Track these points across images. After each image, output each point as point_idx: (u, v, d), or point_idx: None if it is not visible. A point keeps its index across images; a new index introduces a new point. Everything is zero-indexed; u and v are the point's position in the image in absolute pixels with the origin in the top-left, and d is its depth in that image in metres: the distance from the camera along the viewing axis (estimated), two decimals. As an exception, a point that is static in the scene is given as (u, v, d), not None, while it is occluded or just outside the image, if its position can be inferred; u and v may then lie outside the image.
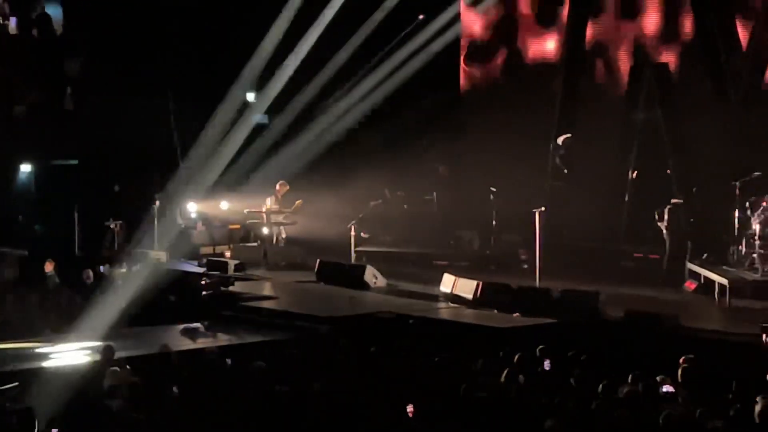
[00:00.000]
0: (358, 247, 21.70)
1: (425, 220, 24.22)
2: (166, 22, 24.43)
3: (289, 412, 10.41)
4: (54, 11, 25.80)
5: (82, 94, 25.28)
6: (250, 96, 25.65)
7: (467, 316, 17.18)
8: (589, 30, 23.97)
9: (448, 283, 18.35)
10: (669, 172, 22.11)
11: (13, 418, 9.92)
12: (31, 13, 25.82)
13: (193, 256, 22.48)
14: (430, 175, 24.66)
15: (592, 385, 11.15)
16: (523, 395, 10.91)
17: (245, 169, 23.79)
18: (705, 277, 18.59)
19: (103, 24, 24.38)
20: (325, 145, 24.02)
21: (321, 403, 10.62)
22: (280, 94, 24.63)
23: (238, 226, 24.02)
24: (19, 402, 10.84)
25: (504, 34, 25.45)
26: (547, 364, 12.42)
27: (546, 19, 24.78)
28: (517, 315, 16.80)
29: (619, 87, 23.75)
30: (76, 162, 25.04)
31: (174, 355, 13.33)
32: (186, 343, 15.38)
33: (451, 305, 17.93)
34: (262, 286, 20.25)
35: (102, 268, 19.59)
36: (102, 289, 17.42)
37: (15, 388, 11.92)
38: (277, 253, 22.35)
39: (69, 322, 15.96)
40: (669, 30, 23.17)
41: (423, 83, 24.48)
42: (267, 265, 21.94)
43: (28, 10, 25.74)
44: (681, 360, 11.90)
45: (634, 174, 22.52)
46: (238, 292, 19.16)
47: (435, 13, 24.75)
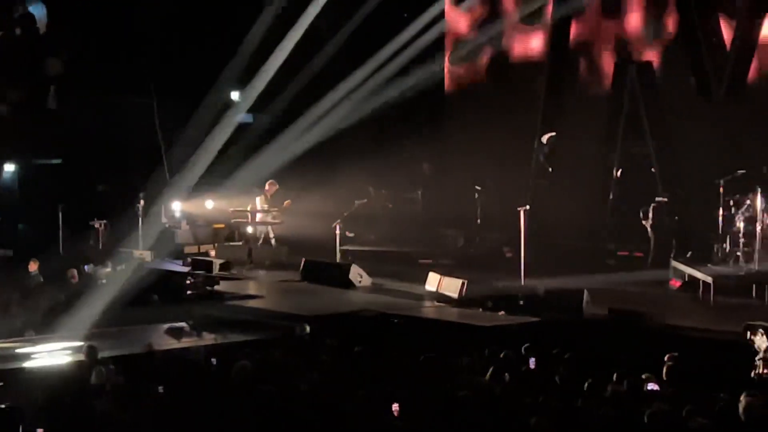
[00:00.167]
0: (343, 246, 21.68)
1: (410, 219, 24.22)
2: (149, 20, 24.38)
3: (274, 412, 10.39)
4: (37, 10, 25.73)
5: (66, 93, 25.21)
6: (235, 95, 25.62)
7: (452, 314, 17.18)
8: (573, 29, 23.99)
9: (433, 281, 18.35)
10: (653, 170, 22.16)
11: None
12: (14, 12, 25.74)
13: (178, 256, 22.44)
14: (415, 174, 24.67)
15: (577, 383, 11.16)
16: (508, 394, 10.91)
17: (230, 168, 23.74)
18: (689, 275, 18.63)
19: (86, 23, 24.32)
20: (309, 144, 23.98)
21: (306, 403, 10.61)
22: (264, 93, 24.59)
23: (222, 226, 23.99)
24: (3, 402, 10.80)
25: (489, 33, 25.44)
26: (532, 362, 12.43)
27: (531, 18, 24.79)
28: (501, 313, 16.82)
29: (603, 85, 23.75)
30: (59, 161, 24.98)
31: (159, 354, 13.31)
32: (171, 343, 15.36)
33: (436, 304, 17.93)
34: (247, 286, 20.24)
35: (86, 268, 19.55)
36: (86, 289, 17.39)
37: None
38: (262, 253, 22.34)
39: (53, 322, 15.92)
40: (652, 28, 23.17)
41: (408, 82, 24.46)
42: (252, 265, 21.95)
43: (11, 9, 25.67)
44: (665, 358, 11.92)
45: (619, 172, 22.56)
46: (223, 291, 19.15)
47: (419, 11, 24.71)
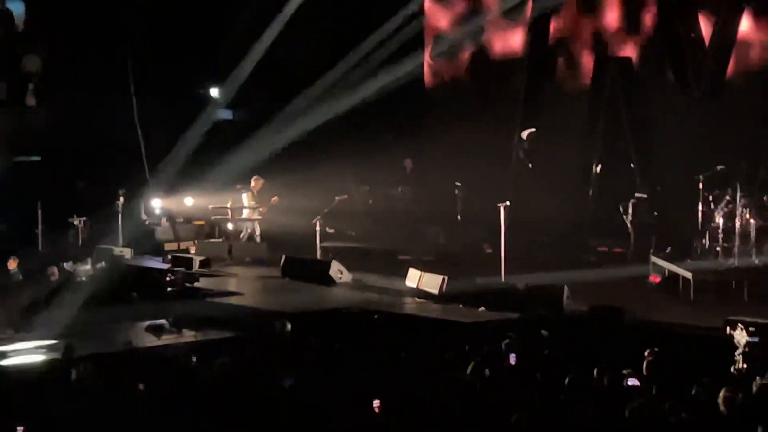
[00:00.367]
0: (324, 242, 21.66)
1: (390, 215, 24.21)
2: (128, 17, 24.30)
3: (254, 409, 10.38)
4: (16, 7, 25.60)
5: (45, 90, 25.10)
6: (214, 91, 25.55)
7: (433, 310, 17.20)
8: (552, 25, 24.03)
9: (414, 278, 18.35)
10: (633, 166, 22.22)
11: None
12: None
13: (158, 253, 22.38)
14: (396, 170, 24.65)
15: (558, 379, 11.17)
16: (488, 390, 10.92)
17: (209, 165, 23.69)
18: (669, 270, 18.68)
19: (65, 20, 24.22)
20: (289, 141, 23.93)
21: (287, 400, 10.60)
22: (243, 90, 24.55)
23: (202, 222, 23.96)
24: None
25: (470, 28, 25.45)
26: (512, 358, 12.43)
27: (511, 14, 24.80)
28: (482, 309, 16.84)
29: (582, 82, 23.81)
30: (38, 158, 24.86)
31: (138, 352, 13.27)
32: (151, 340, 15.31)
33: (417, 300, 17.94)
34: (227, 283, 20.20)
35: (66, 265, 19.47)
36: (66, 286, 17.33)
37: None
38: (242, 249, 22.31)
39: (32, 320, 15.86)
40: (631, 24, 23.24)
41: (388, 77, 24.43)
42: (232, 261, 21.93)
43: (-12, 6, 25.57)
44: (646, 353, 11.94)
45: (598, 168, 22.62)
46: (203, 288, 19.11)
47: (399, 5, 24.69)
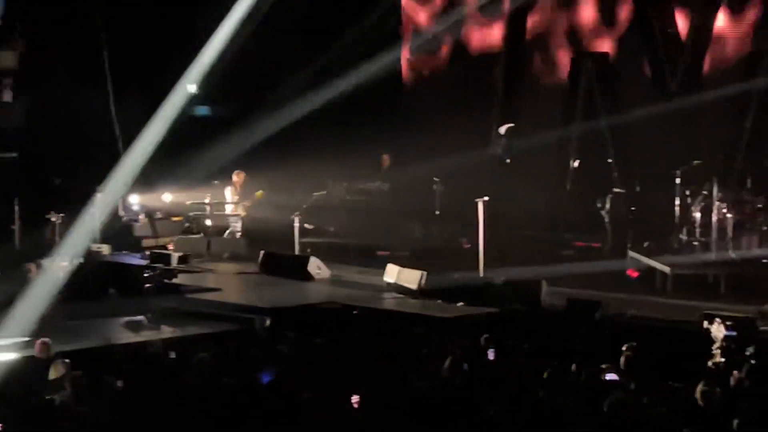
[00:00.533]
0: (302, 238, 21.65)
1: (368, 210, 24.19)
2: (106, 12, 24.22)
3: (233, 405, 10.38)
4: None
5: (21, 86, 25.00)
6: (192, 87, 25.47)
7: (411, 305, 17.21)
8: (529, 20, 24.09)
9: (392, 273, 18.36)
10: (610, 161, 22.29)
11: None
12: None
13: (136, 249, 22.34)
14: (374, 166, 24.65)
15: (536, 373, 11.21)
16: (467, 384, 10.94)
17: (187, 161, 23.63)
18: (647, 265, 18.75)
19: (41, 15, 24.12)
20: (267, 136, 23.90)
21: (266, 395, 10.60)
22: (221, 85, 24.49)
23: (181, 218, 23.90)
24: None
25: (448, 24, 25.47)
26: (491, 353, 12.47)
27: (489, 9, 24.84)
28: (461, 304, 16.87)
29: (559, 76, 23.88)
30: (15, 155, 24.75)
31: (117, 348, 13.25)
32: (129, 336, 15.29)
33: (396, 295, 17.95)
34: (206, 278, 20.17)
35: (43, 262, 19.40)
36: (43, 283, 17.27)
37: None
38: (221, 245, 22.28)
39: (9, 317, 15.80)
40: (607, 19, 23.32)
41: (366, 72, 24.42)
42: (210, 257, 21.89)
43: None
44: (624, 348, 11.99)
45: (576, 163, 22.68)
46: (182, 284, 19.06)
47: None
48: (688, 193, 19.27)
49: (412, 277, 17.90)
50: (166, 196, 23.75)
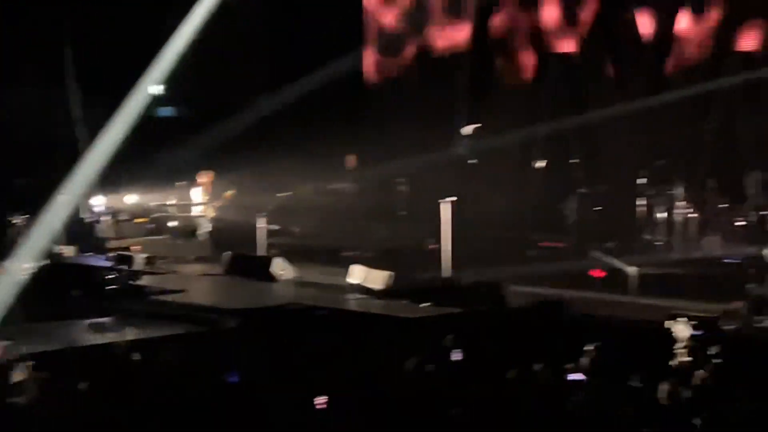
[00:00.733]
0: (267, 239, 21.61)
1: (334, 212, 24.19)
2: (69, 11, 24.11)
3: (198, 407, 10.35)
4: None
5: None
6: (156, 88, 25.37)
7: (377, 306, 17.20)
8: (494, 21, 24.14)
9: (357, 274, 18.35)
10: (574, 161, 22.37)
11: None
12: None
13: (100, 251, 22.23)
14: (339, 167, 24.64)
15: (502, 373, 11.22)
16: (432, 385, 10.95)
17: (152, 162, 23.55)
18: (611, 265, 18.81)
19: (4, 14, 23.97)
20: (232, 136, 23.85)
21: (231, 397, 10.58)
22: (185, 86, 24.42)
23: (145, 219, 23.80)
24: None
25: (414, 25, 25.50)
26: (456, 353, 12.47)
27: (455, 10, 24.88)
28: (426, 305, 16.87)
29: (524, 77, 23.93)
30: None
31: (81, 350, 13.18)
32: (93, 338, 15.21)
33: (361, 296, 17.94)
34: (171, 280, 20.09)
35: (6, 264, 19.28)
36: (6, 285, 17.15)
37: None
38: (186, 247, 22.21)
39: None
40: (571, 20, 23.40)
41: (329, 72, 24.41)
42: (175, 259, 21.82)
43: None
44: (588, 348, 12.02)
45: (540, 164, 22.73)
46: (146, 286, 18.98)
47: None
48: (652, 193, 19.36)
49: (377, 278, 17.89)
50: (130, 197, 23.65)
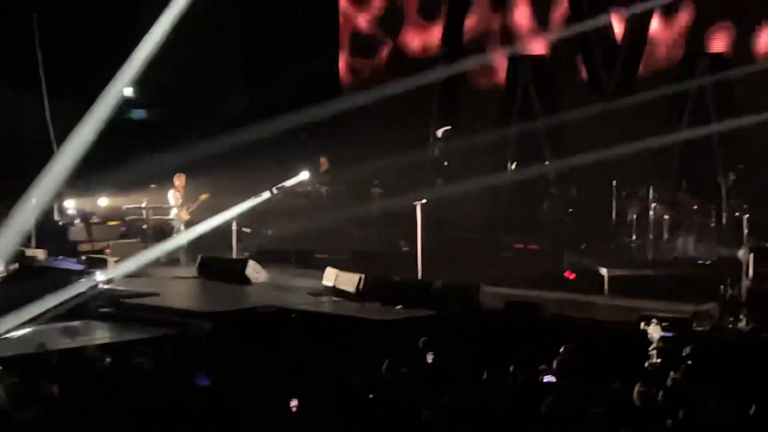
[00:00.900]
0: (240, 241, 21.56)
1: (307, 214, 24.13)
2: (39, 11, 23.97)
3: (171, 410, 10.31)
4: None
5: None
6: (127, 90, 25.27)
7: (350, 309, 17.20)
8: (467, 23, 24.17)
9: (331, 276, 18.34)
10: (547, 163, 22.41)
11: None
12: None
13: (72, 254, 22.11)
14: (312, 169, 24.60)
15: (475, 375, 11.23)
16: (405, 387, 10.94)
17: (123, 165, 23.43)
18: (584, 266, 18.85)
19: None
20: (205, 139, 23.77)
21: (203, 400, 10.55)
22: (157, 88, 24.34)
23: (117, 222, 23.69)
24: None
25: (388, 27, 25.51)
26: (430, 356, 12.47)
27: (429, 12, 24.90)
28: (399, 308, 16.87)
29: (496, 79, 23.98)
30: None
31: (53, 354, 13.12)
32: (65, 342, 15.14)
33: (334, 299, 17.93)
34: (143, 283, 19.99)
35: (-24, 268, 19.20)
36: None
37: None
38: (159, 249, 22.10)
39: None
40: (542, 21, 23.46)
41: (303, 76, 24.38)
42: (148, 261, 21.72)
43: None
44: (561, 349, 12.04)
45: (513, 165, 22.76)
46: (118, 289, 18.91)
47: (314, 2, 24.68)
48: (624, 194, 19.41)
49: (350, 281, 17.89)
50: (102, 200, 23.55)
